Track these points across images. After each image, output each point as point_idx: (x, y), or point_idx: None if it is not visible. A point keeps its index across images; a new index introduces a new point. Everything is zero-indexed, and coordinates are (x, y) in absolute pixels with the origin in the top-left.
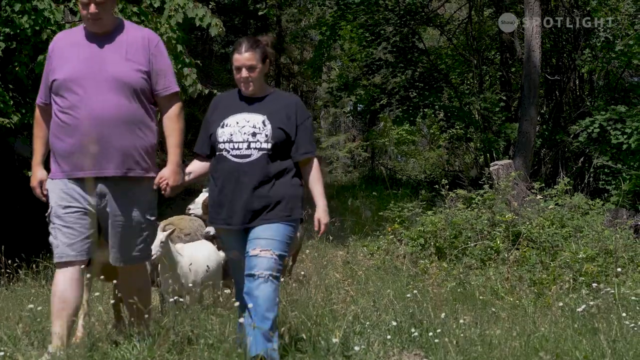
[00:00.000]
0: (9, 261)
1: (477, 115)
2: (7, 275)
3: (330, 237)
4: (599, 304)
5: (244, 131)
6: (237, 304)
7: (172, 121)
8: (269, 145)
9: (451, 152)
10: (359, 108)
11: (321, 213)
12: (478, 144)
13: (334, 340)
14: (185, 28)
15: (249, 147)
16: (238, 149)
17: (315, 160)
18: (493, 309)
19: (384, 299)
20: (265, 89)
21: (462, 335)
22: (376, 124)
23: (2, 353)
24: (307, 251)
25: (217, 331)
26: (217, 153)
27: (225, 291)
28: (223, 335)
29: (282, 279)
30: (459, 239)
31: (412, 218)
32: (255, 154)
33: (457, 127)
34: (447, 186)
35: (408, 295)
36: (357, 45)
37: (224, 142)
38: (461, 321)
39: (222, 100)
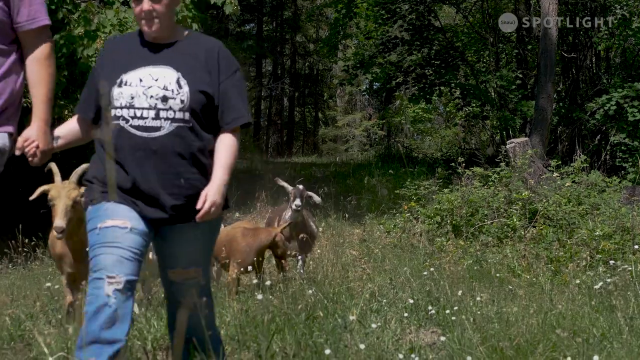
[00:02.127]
0: (26, 240)
1: (493, 93)
2: (24, 254)
3: (347, 215)
4: (616, 281)
5: (150, 93)
6: None
7: (40, 65)
8: (187, 115)
9: (467, 130)
10: (374, 86)
11: (213, 187)
12: (494, 122)
13: (351, 317)
14: (201, 6)
15: (157, 117)
16: (142, 117)
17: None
18: (510, 287)
19: (400, 277)
20: (176, 32)
21: (479, 312)
22: (392, 102)
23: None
24: (321, 229)
25: (234, 309)
26: (113, 122)
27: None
28: (241, 312)
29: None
30: (476, 216)
31: (428, 196)
32: (167, 127)
33: (474, 105)
34: (464, 164)
35: (425, 273)
36: (372, 23)
37: (121, 108)
38: (478, 299)
39: (117, 46)
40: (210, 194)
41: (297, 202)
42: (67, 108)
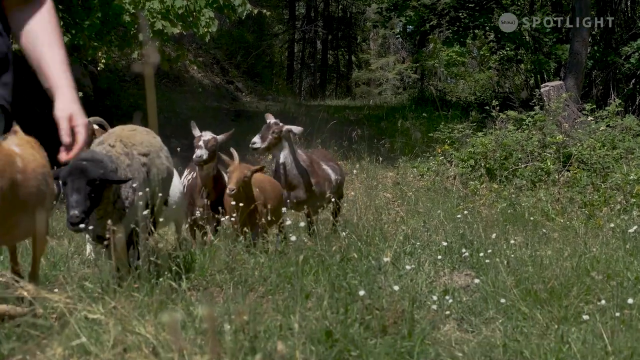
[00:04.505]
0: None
1: (527, 37)
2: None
3: (380, 158)
4: None
5: None
6: None
7: None
8: None
9: (501, 73)
10: (408, 29)
11: (71, 103)
12: (529, 66)
13: (385, 259)
14: None
15: None
16: None
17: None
18: (544, 230)
19: (434, 220)
20: None
21: (512, 255)
22: (426, 46)
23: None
24: (355, 172)
25: (268, 251)
26: None
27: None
28: (274, 254)
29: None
30: (510, 160)
31: (462, 139)
32: None
33: (508, 48)
34: (498, 107)
35: (458, 216)
36: None
37: None
38: (512, 242)
39: None
40: (76, 114)
41: (197, 153)
42: (100, 50)
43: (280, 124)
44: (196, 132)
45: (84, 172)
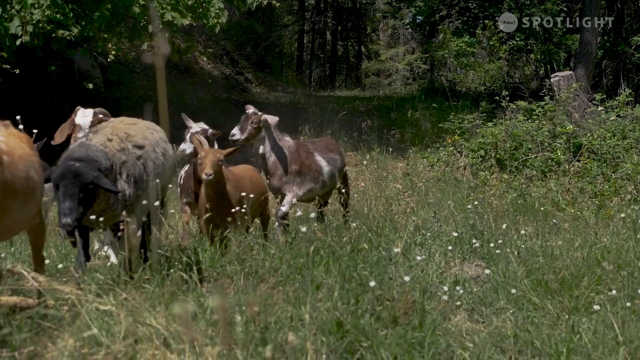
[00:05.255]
0: None
1: (537, 27)
2: None
3: (390, 149)
4: None
5: None
6: None
7: None
8: None
9: (511, 63)
10: (418, 20)
11: None
12: (538, 56)
13: (396, 250)
14: None
15: None
16: None
17: None
18: (554, 220)
19: (444, 210)
20: None
21: (523, 246)
22: (435, 36)
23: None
24: (365, 162)
25: (280, 240)
26: None
27: None
28: (285, 245)
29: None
30: (520, 150)
31: (472, 130)
32: None
33: (518, 38)
34: (507, 98)
35: (469, 206)
36: None
37: None
38: (522, 232)
39: None
40: None
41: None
42: (110, 42)
43: (259, 113)
44: (189, 123)
45: (78, 177)
